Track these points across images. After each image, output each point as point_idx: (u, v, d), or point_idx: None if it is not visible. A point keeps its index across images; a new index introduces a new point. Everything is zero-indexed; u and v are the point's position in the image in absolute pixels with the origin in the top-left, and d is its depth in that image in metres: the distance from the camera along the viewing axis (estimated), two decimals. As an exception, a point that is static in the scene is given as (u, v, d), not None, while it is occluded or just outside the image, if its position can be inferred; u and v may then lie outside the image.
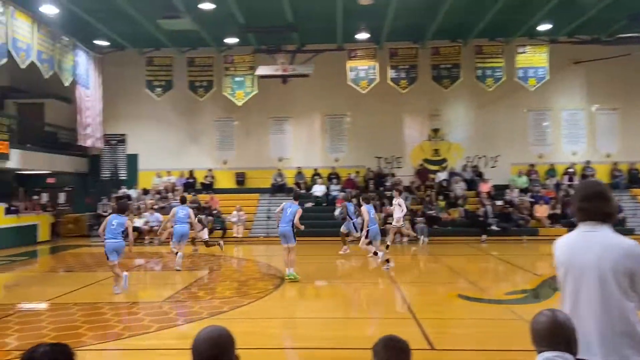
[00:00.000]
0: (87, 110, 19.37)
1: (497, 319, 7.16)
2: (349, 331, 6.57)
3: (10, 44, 14.44)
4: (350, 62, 19.21)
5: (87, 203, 20.57)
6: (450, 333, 6.60)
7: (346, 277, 11.60)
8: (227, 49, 20.08)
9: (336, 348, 5.88)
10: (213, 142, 21.51)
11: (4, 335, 6.56)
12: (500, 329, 6.49)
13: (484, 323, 6.94)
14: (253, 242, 17.67)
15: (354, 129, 21.25)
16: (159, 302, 8.46)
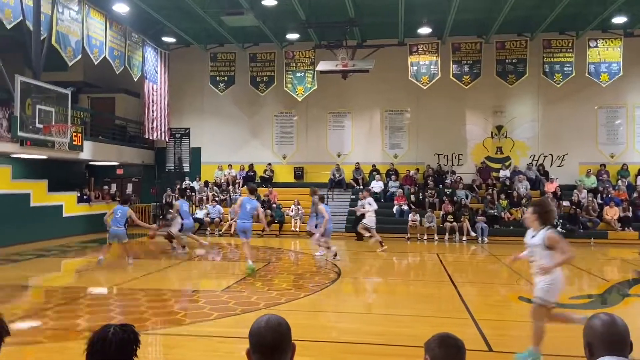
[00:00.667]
0: (154, 104, 20.20)
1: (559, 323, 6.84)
2: (403, 328, 6.50)
3: (85, 41, 15.30)
4: (411, 57, 18.92)
5: (152, 193, 21.48)
6: (509, 335, 6.37)
7: (403, 274, 11.47)
8: (289, 44, 20.31)
9: (389, 344, 5.83)
10: (273, 136, 21.85)
11: (76, 316, 6.97)
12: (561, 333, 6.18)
13: (546, 327, 6.65)
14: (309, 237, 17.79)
15: (414, 125, 20.93)
16: (218, 292, 8.70)
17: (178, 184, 20.90)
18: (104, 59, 16.34)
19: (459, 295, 8.34)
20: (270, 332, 1.98)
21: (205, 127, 22.08)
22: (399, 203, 18.40)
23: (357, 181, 20.32)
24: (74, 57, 14.87)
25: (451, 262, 12.64)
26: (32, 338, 5.93)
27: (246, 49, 20.58)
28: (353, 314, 7.49)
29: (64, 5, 14.34)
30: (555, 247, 4.92)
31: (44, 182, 15.98)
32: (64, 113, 14.42)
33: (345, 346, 5.78)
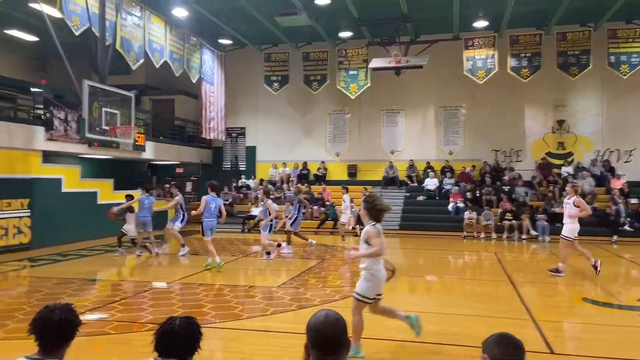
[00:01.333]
0: (211, 105, 20.79)
1: (626, 326, 6.52)
2: (459, 328, 6.39)
3: (147, 46, 15.95)
4: (467, 52, 18.48)
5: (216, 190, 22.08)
6: (572, 337, 6.14)
7: (459, 272, 11.25)
8: (341, 42, 20.35)
9: (444, 344, 5.75)
10: (326, 134, 21.96)
11: (141, 309, 7.31)
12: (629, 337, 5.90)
13: (610, 329, 6.36)
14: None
15: (470, 121, 20.44)
16: (274, 287, 8.87)
17: (234, 182, 21.44)
18: (164, 62, 16.98)
19: (518, 296, 8.10)
20: (330, 327, 2.01)
21: (260, 126, 22.50)
22: (455, 200, 18.04)
23: (411, 178, 20.10)
24: (136, 61, 15.54)
25: (510, 261, 12.27)
26: (99, 329, 6.27)
27: (299, 49, 20.78)
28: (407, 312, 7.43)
29: (127, 11, 15.01)
30: (370, 242, 5.04)
31: (110, 181, 16.81)
32: (128, 115, 15.11)
33: (400, 344, 5.76)
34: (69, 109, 14.40)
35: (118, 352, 5.47)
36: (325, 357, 2.00)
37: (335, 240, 16.06)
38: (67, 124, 14.37)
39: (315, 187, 19.86)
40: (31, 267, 11.13)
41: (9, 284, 9.58)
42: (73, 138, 14.46)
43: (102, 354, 5.46)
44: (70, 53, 13.74)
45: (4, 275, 10.23)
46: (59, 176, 14.56)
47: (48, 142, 13.76)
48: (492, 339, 2.35)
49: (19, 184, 13.08)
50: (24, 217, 13.19)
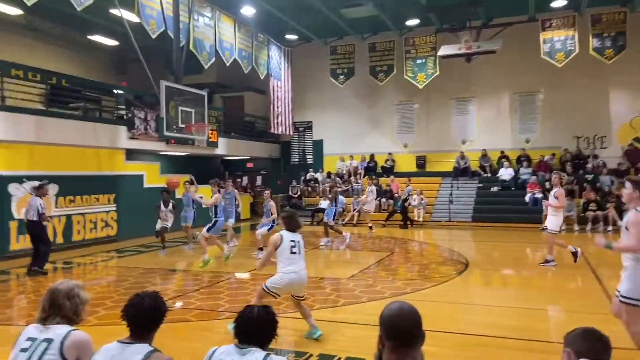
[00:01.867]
0: (279, 100, 21.15)
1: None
2: (538, 323, 6.13)
3: (218, 45, 16.47)
4: (544, 34, 17.50)
5: (279, 185, 22.57)
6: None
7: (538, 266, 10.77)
8: (408, 31, 19.96)
9: (522, 339, 5.54)
10: (393, 125, 21.69)
11: (218, 298, 7.62)
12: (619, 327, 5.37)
13: None
14: (434, 227, 17.46)
15: (548, 107, 19.40)
16: (344, 279, 8.93)
17: (302, 175, 21.74)
18: (234, 60, 17.47)
19: (603, 290, 7.63)
20: (406, 319, 2.00)
21: (326, 120, 22.61)
22: (532, 191, 17.21)
23: (484, 168, 19.43)
24: (208, 60, 16.10)
25: (594, 254, 11.57)
26: (181, 316, 6.60)
27: (365, 40, 20.63)
28: (482, 307, 7.22)
29: (198, 13, 15.57)
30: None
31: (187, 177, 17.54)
32: (202, 113, 15.70)
33: (475, 338, 5.61)
34: (148, 109, 15.20)
35: (200, 338, 5.73)
36: (400, 348, 1.99)
37: (406, 233, 15.89)
38: (146, 123, 15.17)
39: (383, 180, 19.69)
40: (118, 257, 11.90)
41: (99, 273, 10.30)
42: (152, 136, 15.25)
43: (184, 340, 5.75)
44: (147, 55, 14.45)
45: (94, 266, 11.02)
46: (141, 172, 15.43)
47: (130, 140, 14.61)
48: (577, 333, 2.23)
49: (106, 180, 14.01)
50: (111, 211, 14.12)
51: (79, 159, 13.25)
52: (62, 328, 2.74)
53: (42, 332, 2.73)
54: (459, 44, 16.89)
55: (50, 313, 2.79)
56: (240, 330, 2.49)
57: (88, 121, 13.68)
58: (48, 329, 2.74)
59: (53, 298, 2.82)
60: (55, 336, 2.70)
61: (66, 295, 2.81)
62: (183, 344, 5.59)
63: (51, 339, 2.68)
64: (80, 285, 2.93)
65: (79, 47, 20.93)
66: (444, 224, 17.70)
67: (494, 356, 5.12)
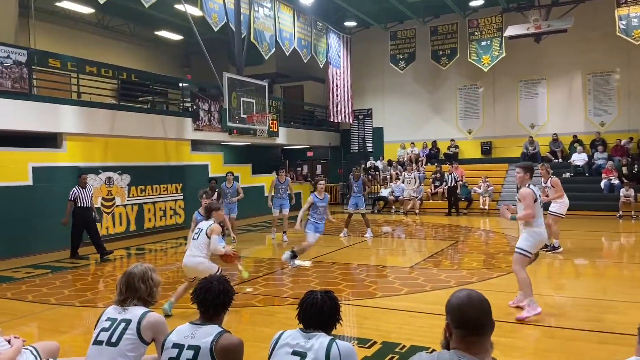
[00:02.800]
0: (338, 88, 21.07)
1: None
2: (615, 315, 5.78)
3: (278, 35, 16.62)
4: (619, 10, 16.32)
5: (339, 174, 22.58)
6: None
7: (614, 256, 10.17)
8: (472, 12, 19.25)
9: (597, 331, 5.25)
10: (456, 111, 21.08)
11: (282, 284, 7.74)
12: None
13: None
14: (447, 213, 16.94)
15: (626, 87, 18.15)
16: (407, 268, 8.81)
17: (363, 163, 21.61)
18: (293, 50, 17.57)
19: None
20: (475, 308, 1.96)
21: (386, 107, 22.31)
22: (608, 176, 16.24)
23: (555, 154, 18.50)
24: (269, 51, 16.29)
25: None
26: (247, 302, 6.76)
27: (426, 23, 20.10)
28: (555, 297, 6.90)
29: (258, 4, 15.76)
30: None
31: (249, 166, 17.96)
32: (262, 103, 15.93)
33: (547, 330, 5.38)
34: (211, 101, 15.62)
35: (264, 322, 5.85)
36: (470, 337, 1.93)
37: (471, 222, 15.47)
38: (210, 114, 15.60)
39: (445, 167, 19.22)
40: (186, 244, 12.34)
41: (169, 259, 10.75)
42: (216, 127, 15.67)
43: (249, 324, 5.89)
44: (210, 48, 14.84)
45: (164, 252, 11.51)
46: (206, 162, 15.91)
47: (195, 131, 15.08)
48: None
49: (173, 170, 14.56)
50: (179, 199, 14.68)
51: (148, 150, 13.85)
52: (138, 310, 2.90)
53: (120, 313, 2.90)
54: (527, 24, 16.11)
55: (128, 295, 2.95)
56: (304, 316, 2.50)
57: (156, 114, 14.24)
58: (126, 310, 2.90)
59: (129, 281, 2.97)
60: (132, 317, 2.85)
61: (141, 278, 2.96)
62: (249, 328, 5.72)
63: (129, 320, 2.84)
64: (152, 268, 3.07)
65: (147, 42, 21.80)
66: (511, 212, 17.04)
67: (567, 348, 4.89)
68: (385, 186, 19.59)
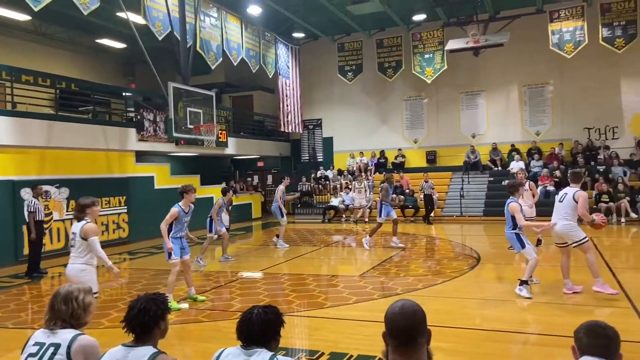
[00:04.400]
0: (287, 98, 21.14)
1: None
2: (552, 317, 6.06)
3: (225, 45, 16.49)
4: (552, 25, 17.30)
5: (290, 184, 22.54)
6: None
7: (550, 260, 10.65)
8: (415, 26, 19.85)
9: (536, 333, 5.49)
10: (402, 121, 21.59)
11: (230, 298, 7.64)
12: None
13: None
14: (445, 222, 17.36)
15: (558, 99, 19.20)
16: (355, 277, 8.91)
17: (313, 173, 21.73)
18: (241, 60, 17.49)
19: (617, 283, 7.53)
20: (405, 318, 1.95)
21: (335, 117, 22.56)
22: (544, 183, 17.07)
23: (495, 162, 19.28)
24: (215, 60, 16.13)
25: (608, 246, 11.45)
26: (193, 317, 6.62)
27: (372, 36, 20.55)
28: (495, 301, 7.16)
29: (204, 13, 15.60)
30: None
31: (197, 177, 17.66)
32: (210, 113, 15.74)
33: (488, 334, 5.57)
34: (157, 111, 15.28)
35: (211, 338, 5.75)
36: (400, 347, 1.95)
37: (417, 229, 15.82)
38: (155, 124, 15.25)
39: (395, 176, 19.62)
40: (130, 259, 11.98)
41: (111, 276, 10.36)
42: (162, 138, 15.33)
43: (195, 340, 5.77)
44: (155, 57, 14.51)
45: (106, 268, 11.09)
46: (151, 174, 15.52)
47: (140, 142, 14.69)
48: (581, 328, 2.20)
49: (116, 182, 14.10)
50: (122, 213, 14.22)
51: (89, 162, 13.35)
52: (68, 333, 2.73)
53: (49, 336, 2.73)
54: (466, 38, 16.76)
55: (51, 317, 2.79)
56: (240, 332, 2.48)
57: (98, 124, 13.77)
58: (55, 334, 2.73)
59: (52, 302, 2.81)
60: (62, 341, 2.69)
61: (63, 299, 2.79)
62: (194, 344, 5.61)
63: (58, 344, 2.68)
64: (83, 289, 2.90)
65: (88, 50, 21.09)
66: (455, 218, 17.61)
67: (507, 351, 5.08)
68: (335, 195, 19.76)
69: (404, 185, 18.87)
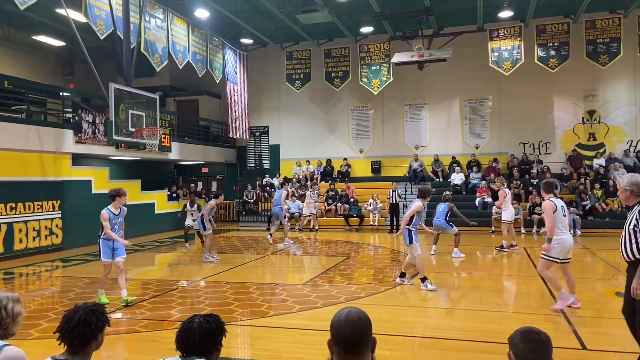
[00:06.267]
0: (235, 104, 20.91)
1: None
2: (489, 324, 6.27)
3: (171, 47, 16.14)
4: (492, 43, 18.13)
5: (235, 190, 22.30)
6: (605, 333, 5.94)
7: (488, 269, 11.06)
8: (363, 38, 20.23)
9: (474, 340, 5.65)
10: (349, 131, 21.87)
11: (169, 307, 7.40)
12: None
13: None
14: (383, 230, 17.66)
15: (496, 114, 20.08)
16: (299, 285, 8.87)
17: (259, 180, 21.56)
18: (187, 64, 17.16)
19: (549, 291, 7.91)
20: (350, 326, 1.96)
21: (282, 125, 22.55)
22: (482, 195, 17.76)
23: (437, 173, 19.86)
24: (161, 63, 15.75)
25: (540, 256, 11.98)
26: (130, 327, 6.37)
27: (321, 45, 20.74)
28: (436, 309, 7.34)
29: (150, 14, 15.21)
30: None
31: (138, 182, 17.10)
32: (154, 116, 15.32)
33: (427, 341, 5.69)
34: (96, 112, 14.69)
35: (147, 349, 5.54)
36: (346, 355, 1.96)
37: (362, 238, 16.00)
38: (95, 126, 14.65)
39: (339, 184, 19.81)
40: (63, 267, 11.39)
41: (42, 284, 9.82)
42: (101, 140, 14.75)
43: (131, 352, 5.54)
44: (96, 57, 14.01)
45: (37, 276, 10.50)
46: (89, 178, 14.87)
47: (77, 144, 14.06)
48: (516, 334, 2.28)
49: (50, 186, 13.40)
50: (56, 218, 13.51)
51: (21, 163, 12.62)
52: None
53: None
54: (411, 52, 17.25)
55: None
56: (180, 342, 2.40)
57: (32, 124, 13.07)
58: None
59: None
60: None
61: None
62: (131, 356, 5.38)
63: None
64: (12, 297, 2.73)
65: (24, 47, 20.05)
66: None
67: (444, 357, 5.20)
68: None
69: (349, 195, 19.07)
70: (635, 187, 4.23)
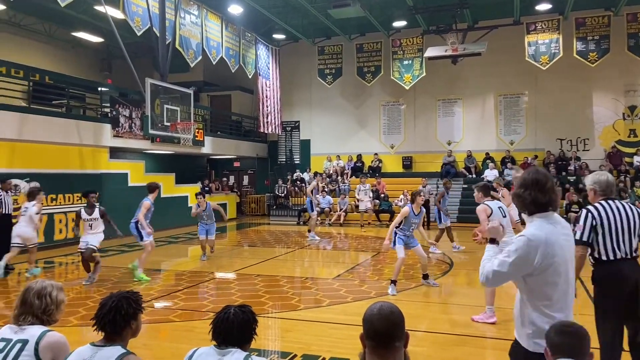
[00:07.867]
0: (267, 99, 21.07)
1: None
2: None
3: (205, 43, 16.38)
4: (529, 37, 17.69)
5: (266, 185, 22.51)
6: None
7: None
8: (395, 32, 20.04)
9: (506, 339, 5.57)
10: (380, 126, 21.74)
11: (203, 298, 7.57)
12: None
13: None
14: (420, 226, 17.51)
15: (533, 109, 19.62)
16: (329, 279, 8.92)
17: (289, 175, 21.70)
18: (221, 59, 17.38)
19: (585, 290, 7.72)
20: (383, 320, 1.97)
21: (314, 120, 22.60)
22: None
23: (469, 169, 19.57)
24: (195, 58, 16.00)
25: (576, 255, 11.68)
26: (164, 317, 6.54)
27: (352, 40, 20.66)
28: (466, 307, 7.26)
29: (185, 10, 15.46)
30: None
31: (172, 175, 17.45)
32: (188, 111, 15.59)
33: (458, 338, 5.64)
34: (133, 107, 15.05)
35: (182, 338, 5.68)
36: (379, 349, 1.97)
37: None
38: (131, 121, 15.02)
39: (369, 180, 19.74)
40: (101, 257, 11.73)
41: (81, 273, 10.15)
42: (137, 134, 15.11)
43: (167, 340, 5.69)
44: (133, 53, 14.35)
45: (76, 265, 10.87)
46: (125, 171, 15.27)
47: (114, 138, 14.45)
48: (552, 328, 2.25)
49: (89, 178, 13.81)
50: (94, 210, 13.90)
51: (61, 156, 13.06)
52: (36, 329, 2.68)
53: (16, 332, 2.67)
54: (445, 46, 17.01)
55: (22, 311, 2.73)
56: (217, 332, 2.46)
57: (71, 119, 13.50)
58: (23, 330, 2.67)
59: (25, 296, 2.75)
60: (29, 337, 2.63)
61: (37, 293, 2.74)
62: (166, 345, 5.53)
63: (26, 340, 2.62)
64: (57, 286, 2.85)
65: (64, 43, 20.67)
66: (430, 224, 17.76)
67: (475, 355, 5.16)
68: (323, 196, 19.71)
69: (380, 190, 18.99)
70: (597, 185, 4.15)
